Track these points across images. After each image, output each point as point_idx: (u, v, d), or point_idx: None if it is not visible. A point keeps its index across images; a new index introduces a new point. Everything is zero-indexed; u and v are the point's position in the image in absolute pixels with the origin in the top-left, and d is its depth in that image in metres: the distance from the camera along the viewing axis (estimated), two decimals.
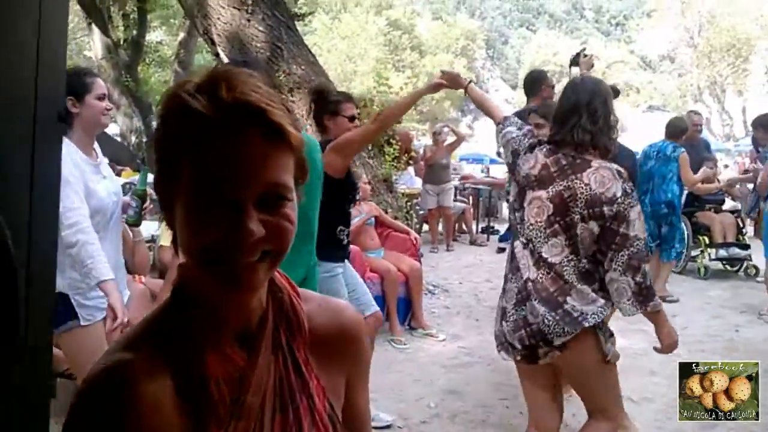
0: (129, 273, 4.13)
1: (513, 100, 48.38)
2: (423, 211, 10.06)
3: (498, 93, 57.17)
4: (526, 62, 53.56)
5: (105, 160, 3.06)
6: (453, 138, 10.34)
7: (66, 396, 3.18)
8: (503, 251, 8.68)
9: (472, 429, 3.74)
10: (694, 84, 41.12)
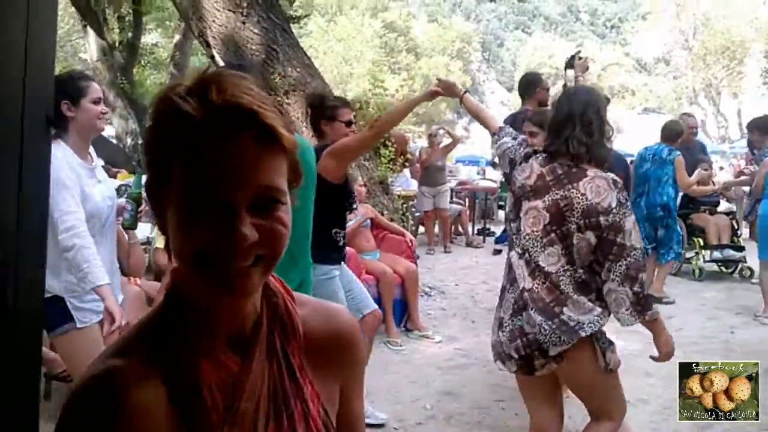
0: (124, 275, 4.13)
1: (509, 102, 48.50)
2: (419, 213, 10.05)
3: (494, 95, 57.30)
4: (522, 65, 53.58)
5: (100, 164, 3.05)
6: (449, 140, 10.34)
7: (61, 398, 3.16)
8: (499, 253, 8.70)
9: (468, 431, 3.73)
10: (690, 86, 41.21)
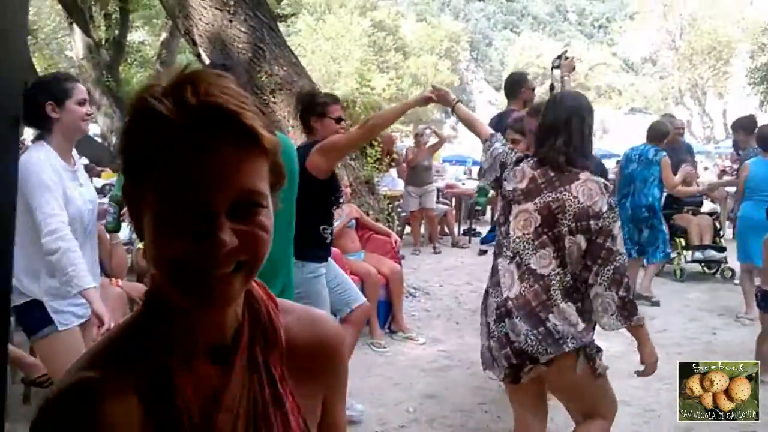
0: (106, 276, 4.09)
1: (497, 102, 48.58)
2: (405, 213, 10.04)
3: (482, 94, 57.50)
4: (510, 64, 53.85)
5: (83, 164, 3.02)
6: (435, 140, 10.34)
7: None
8: (485, 253, 8.69)
9: None
10: (676, 86, 41.55)
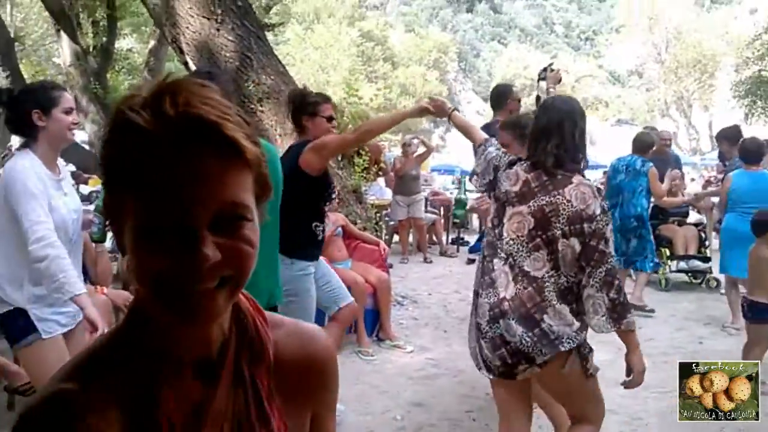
0: (91, 284, 4.07)
1: (484, 112, 48.76)
2: (393, 222, 10.05)
3: (470, 105, 57.67)
4: (498, 75, 54.18)
5: (68, 175, 3.01)
6: (423, 149, 10.37)
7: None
8: (473, 262, 8.70)
9: None
10: (662, 99, 41.96)
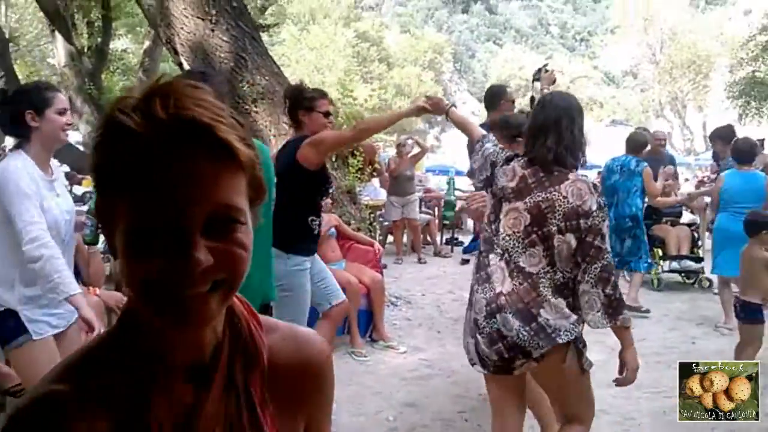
0: (84, 285, 4.06)
1: (479, 113, 48.70)
2: (387, 223, 10.06)
3: (465, 106, 57.59)
4: (493, 76, 54.23)
5: (62, 176, 3.00)
6: (417, 150, 10.38)
7: None
8: (467, 263, 8.73)
9: None
10: (656, 99, 42.08)
